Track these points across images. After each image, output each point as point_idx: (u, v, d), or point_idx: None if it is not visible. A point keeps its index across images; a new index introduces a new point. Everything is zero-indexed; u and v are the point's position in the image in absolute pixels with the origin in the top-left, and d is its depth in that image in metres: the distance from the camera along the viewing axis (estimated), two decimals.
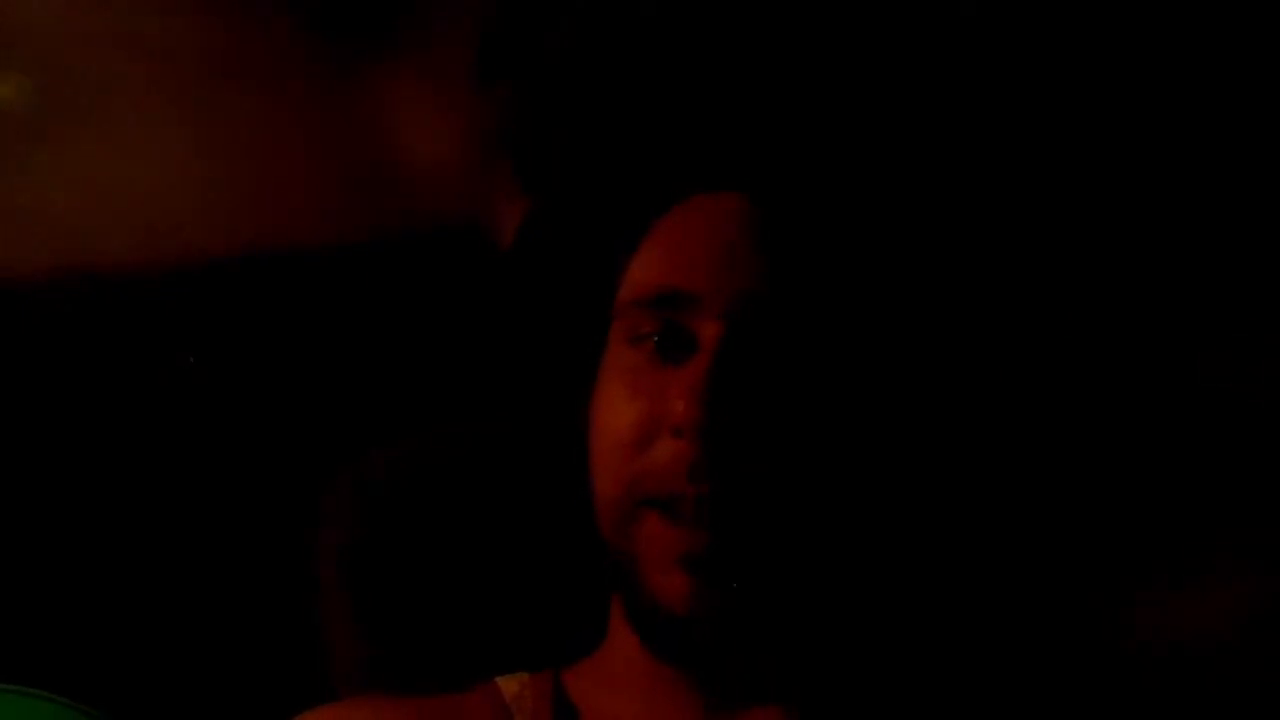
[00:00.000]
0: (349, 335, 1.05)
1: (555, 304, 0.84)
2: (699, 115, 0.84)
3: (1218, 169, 0.95)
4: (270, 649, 0.98)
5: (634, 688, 0.79)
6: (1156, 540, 0.91)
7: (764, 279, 0.74)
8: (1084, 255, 0.94)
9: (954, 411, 0.83)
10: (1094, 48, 0.95)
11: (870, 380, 0.77)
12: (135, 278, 1.01)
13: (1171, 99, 0.95)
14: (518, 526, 0.89)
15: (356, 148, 1.06)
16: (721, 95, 0.85)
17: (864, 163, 0.83)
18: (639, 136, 0.86)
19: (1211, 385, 0.92)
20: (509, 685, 0.80)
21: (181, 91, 1.04)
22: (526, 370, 0.88)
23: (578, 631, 0.83)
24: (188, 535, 1.02)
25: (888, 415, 0.78)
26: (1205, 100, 0.94)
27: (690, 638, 0.74)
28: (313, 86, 1.06)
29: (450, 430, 0.94)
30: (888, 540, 0.79)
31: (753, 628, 0.75)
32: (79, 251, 1.02)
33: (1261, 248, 0.94)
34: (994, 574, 0.88)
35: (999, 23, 0.94)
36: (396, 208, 1.06)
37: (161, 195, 1.03)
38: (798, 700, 0.77)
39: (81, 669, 0.94)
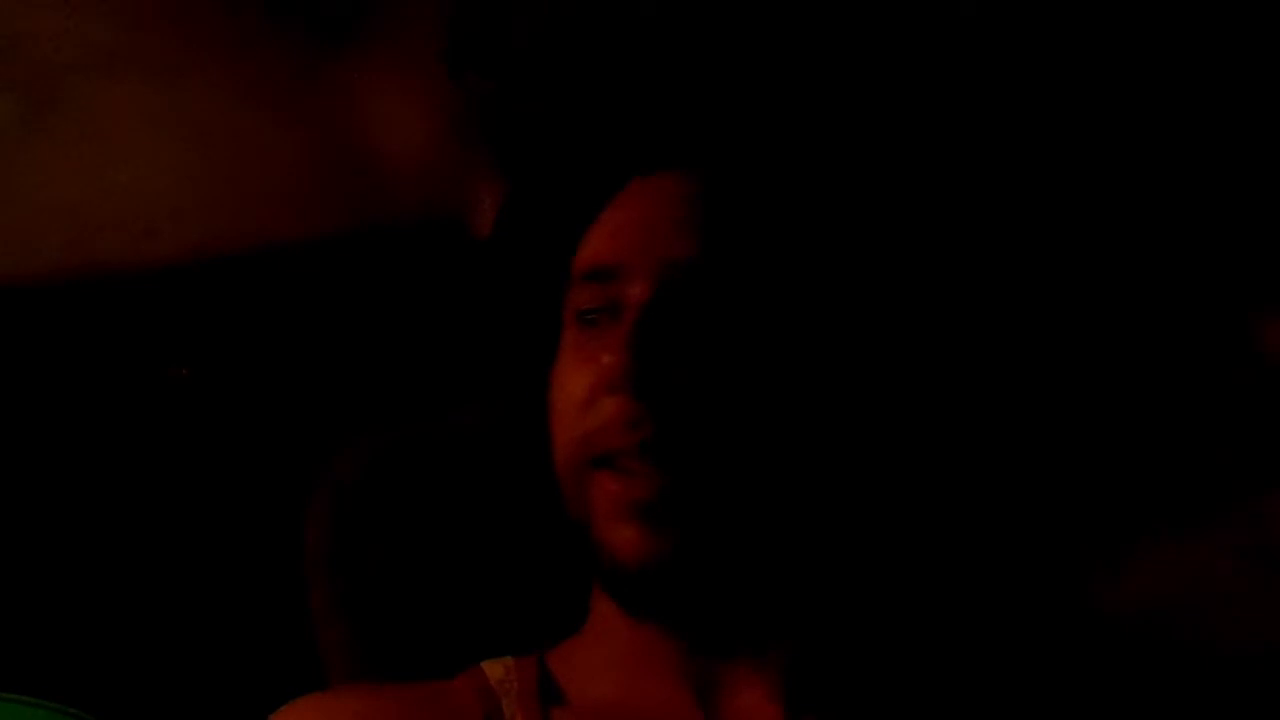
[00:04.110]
0: (331, 328, 1.05)
1: (523, 289, 0.86)
2: (635, 101, 0.87)
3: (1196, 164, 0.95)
4: (260, 644, 0.99)
5: (616, 664, 0.79)
6: (1135, 510, 0.91)
7: (688, 246, 0.77)
8: (1023, 229, 0.95)
9: (918, 378, 0.84)
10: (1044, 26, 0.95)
11: (805, 341, 0.78)
12: (116, 278, 1.02)
13: (1163, 93, 0.95)
14: (499, 514, 0.89)
15: (332, 140, 1.07)
16: (658, 79, 0.87)
17: (794, 142, 0.84)
18: (587, 122, 0.88)
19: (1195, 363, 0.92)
20: (494, 669, 0.81)
21: (156, 92, 1.04)
22: (497, 354, 0.90)
23: (562, 616, 0.84)
24: (176, 534, 1.02)
25: (826, 375, 0.79)
26: (1201, 99, 0.95)
27: (651, 590, 0.76)
28: (285, 81, 1.06)
29: (431, 422, 0.95)
30: (858, 493, 0.80)
31: (716, 577, 0.76)
32: (62, 254, 1.03)
33: (1255, 241, 0.94)
34: (964, 522, 0.89)
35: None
36: (373, 199, 1.06)
37: (138, 196, 1.03)
38: (785, 659, 0.78)
39: (72, 671, 0.95)
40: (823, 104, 0.86)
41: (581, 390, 0.77)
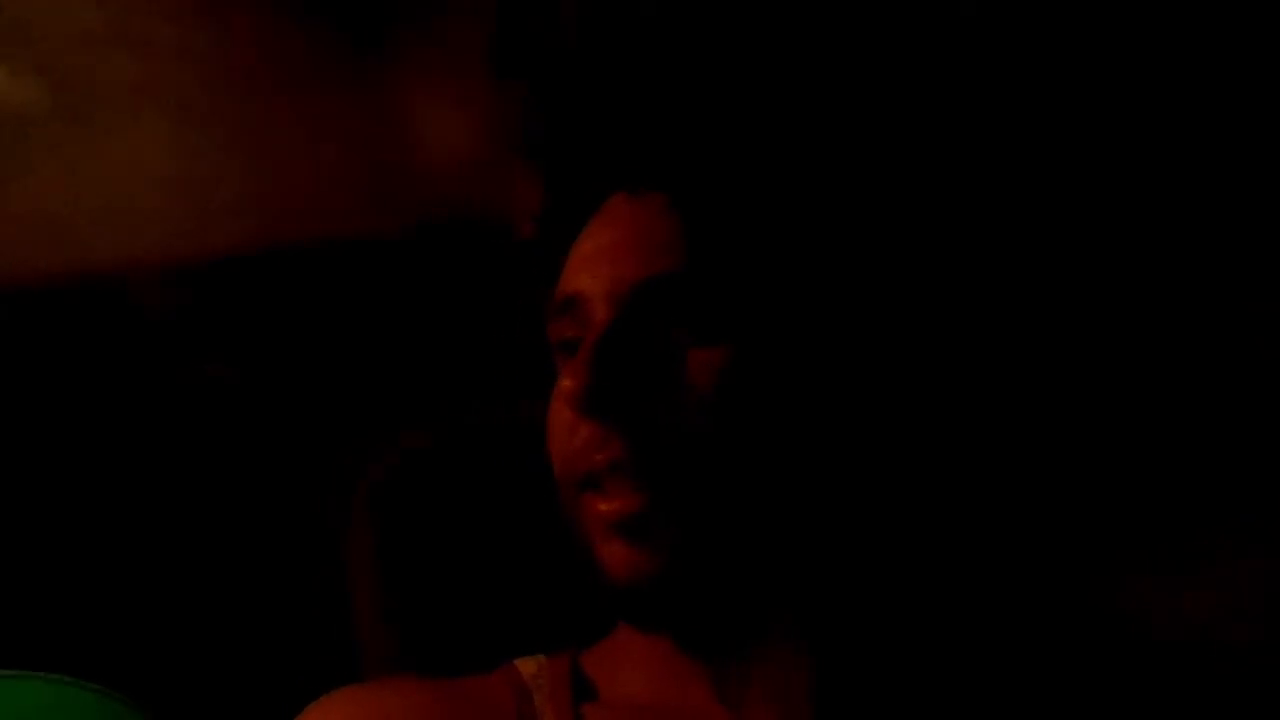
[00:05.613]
0: (372, 328, 1.06)
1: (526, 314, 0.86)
2: (618, 115, 0.83)
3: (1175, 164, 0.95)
4: (299, 637, 1.00)
5: (643, 665, 0.80)
6: (1143, 524, 0.91)
7: (649, 266, 0.77)
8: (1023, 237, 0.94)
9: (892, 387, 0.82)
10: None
11: (769, 355, 0.77)
12: (153, 275, 1.03)
13: (1162, 93, 0.95)
14: (538, 514, 0.90)
15: (374, 142, 1.08)
16: (617, 101, 0.84)
17: (749, 155, 0.81)
18: (562, 147, 0.86)
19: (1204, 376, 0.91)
20: (527, 666, 0.82)
21: (200, 90, 1.05)
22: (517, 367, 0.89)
23: (598, 616, 0.84)
24: (217, 528, 1.03)
25: (793, 390, 0.77)
26: (1200, 99, 0.94)
27: (647, 605, 0.76)
28: (330, 82, 1.07)
29: (469, 420, 0.96)
30: (854, 494, 0.79)
31: (714, 585, 0.76)
32: (93, 251, 1.04)
33: (1242, 245, 0.94)
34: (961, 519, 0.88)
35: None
36: (414, 201, 1.07)
37: (180, 194, 1.05)
38: (810, 654, 0.78)
39: (118, 660, 0.96)
40: (809, 118, 0.83)
41: (563, 417, 0.78)
